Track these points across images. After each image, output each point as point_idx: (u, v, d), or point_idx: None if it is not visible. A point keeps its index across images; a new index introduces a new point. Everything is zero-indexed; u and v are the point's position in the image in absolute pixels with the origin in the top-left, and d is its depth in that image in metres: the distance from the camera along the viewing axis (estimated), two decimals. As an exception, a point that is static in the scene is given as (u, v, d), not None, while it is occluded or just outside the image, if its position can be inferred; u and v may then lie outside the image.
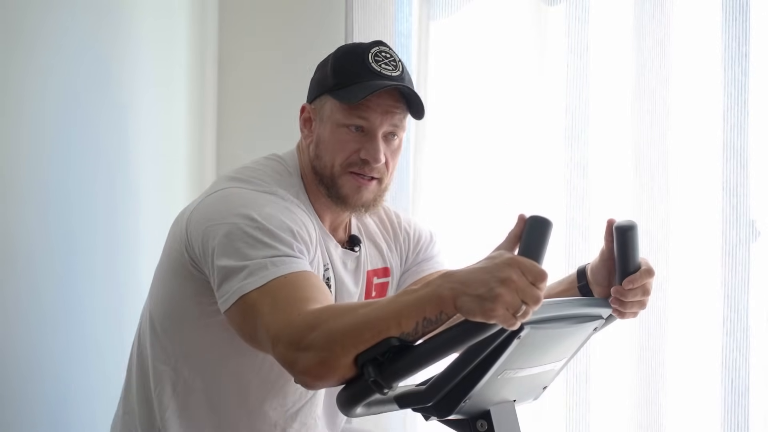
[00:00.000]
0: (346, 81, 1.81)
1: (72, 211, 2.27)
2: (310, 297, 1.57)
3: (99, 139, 2.38)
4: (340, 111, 1.81)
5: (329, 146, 1.83)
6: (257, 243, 1.64)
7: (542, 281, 1.37)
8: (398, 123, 1.83)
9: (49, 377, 2.21)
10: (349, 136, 1.81)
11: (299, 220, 1.73)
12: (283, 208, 1.73)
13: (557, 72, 2.75)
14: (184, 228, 1.77)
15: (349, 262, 1.91)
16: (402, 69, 1.84)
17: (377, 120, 1.80)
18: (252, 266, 1.61)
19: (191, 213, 1.78)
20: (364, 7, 2.85)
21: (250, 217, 1.67)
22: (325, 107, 1.84)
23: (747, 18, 2.56)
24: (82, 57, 2.30)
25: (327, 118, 1.84)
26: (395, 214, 2.05)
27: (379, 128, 1.81)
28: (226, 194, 1.77)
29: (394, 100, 1.81)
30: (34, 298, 2.14)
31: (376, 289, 1.97)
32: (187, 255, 1.76)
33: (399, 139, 1.85)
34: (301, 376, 1.51)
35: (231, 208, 1.71)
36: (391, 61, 1.83)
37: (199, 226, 1.73)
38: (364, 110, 1.80)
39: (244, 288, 1.61)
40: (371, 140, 1.81)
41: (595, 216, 2.69)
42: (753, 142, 2.57)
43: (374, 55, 1.82)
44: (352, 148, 1.82)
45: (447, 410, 1.54)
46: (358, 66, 1.81)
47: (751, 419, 2.56)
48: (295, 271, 1.61)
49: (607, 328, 1.77)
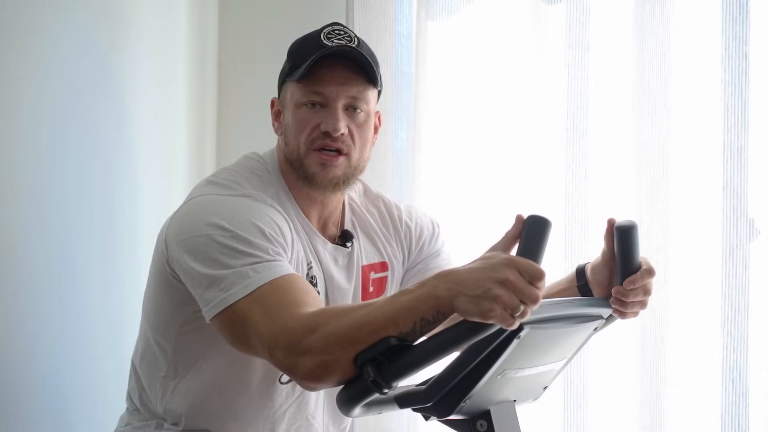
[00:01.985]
0: (299, 61, 1.81)
1: (70, 211, 2.26)
2: (301, 300, 1.57)
3: (98, 138, 2.38)
4: (297, 90, 1.82)
5: (293, 129, 1.83)
6: (234, 252, 1.64)
7: (540, 281, 1.37)
8: (357, 95, 1.81)
9: (49, 379, 2.20)
10: (309, 113, 1.81)
11: (272, 221, 1.72)
12: (255, 211, 1.73)
13: (557, 72, 2.74)
14: (164, 240, 1.78)
15: (341, 258, 1.90)
16: (358, 42, 1.82)
17: (333, 92, 1.79)
18: (232, 275, 1.62)
19: (168, 225, 1.79)
20: (364, 7, 2.85)
21: (221, 226, 1.67)
22: (287, 93, 1.85)
23: (747, 18, 2.56)
24: (81, 56, 2.30)
25: (288, 102, 1.84)
26: (395, 206, 2.03)
27: (337, 99, 1.80)
28: (198, 203, 1.77)
29: (351, 71, 1.80)
30: (32, 298, 2.14)
31: (373, 284, 1.95)
32: (168, 267, 1.77)
33: (364, 112, 1.83)
34: (303, 380, 1.52)
35: (203, 218, 1.70)
36: (345, 36, 1.82)
37: (176, 239, 1.73)
38: (318, 84, 1.79)
39: (229, 298, 1.61)
40: (329, 111, 1.80)
41: (595, 216, 2.69)
42: (753, 142, 2.57)
43: (326, 33, 1.82)
44: (312, 124, 1.81)
45: (447, 410, 1.54)
46: (309, 45, 1.81)
47: (751, 419, 2.56)
48: (278, 275, 1.62)
49: (607, 328, 1.77)
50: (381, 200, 2.02)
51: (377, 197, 2.02)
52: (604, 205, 2.70)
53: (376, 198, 2.02)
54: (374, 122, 1.88)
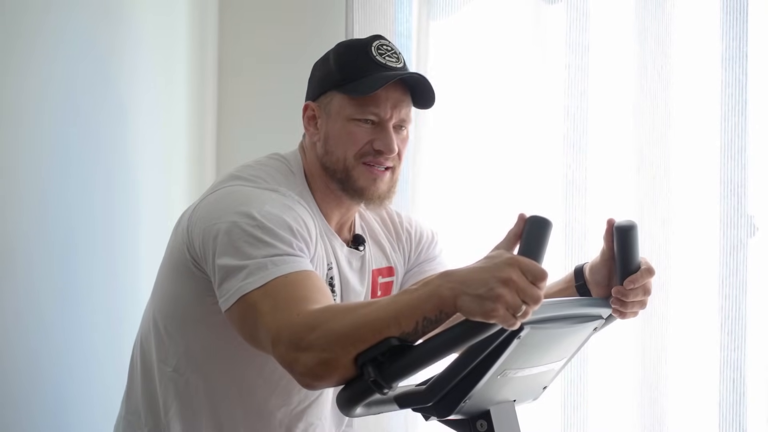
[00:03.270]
0: (353, 75, 1.83)
1: (71, 214, 2.26)
2: (311, 297, 1.57)
3: (98, 140, 2.38)
4: (351, 105, 1.83)
5: (341, 140, 1.84)
6: (257, 242, 1.64)
7: (542, 281, 1.37)
8: (406, 117, 1.86)
9: (49, 381, 2.20)
10: (361, 128, 1.83)
11: (299, 218, 1.73)
12: (283, 206, 1.73)
13: (557, 72, 2.75)
14: (185, 227, 1.77)
15: (354, 261, 1.92)
16: (403, 61, 1.87)
17: (388, 112, 1.83)
18: (252, 266, 1.61)
19: (192, 212, 1.78)
20: (364, 7, 2.85)
21: (250, 215, 1.67)
22: (333, 103, 1.85)
23: (746, 18, 2.56)
24: (81, 57, 2.30)
25: (336, 113, 1.85)
26: (396, 213, 2.06)
27: (391, 120, 1.84)
28: (226, 192, 1.77)
29: (402, 92, 1.84)
30: (32, 301, 2.14)
31: (381, 289, 1.97)
32: (188, 254, 1.76)
33: (406, 129, 1.88)
34: (302, 377, 1.51)
35: (231, 206, 1.71)
36: (393, 53, 1.86)
37: (200, 225, 1.73)
38: (375, 104, 1.82)
39: (244, 288, 1.61)
40: (384, 131, 1.83)
41: (595, 216, 2.69)
42: (753, 142, 2.58)
43: (377, 48, 1.84)
44: (364, 140, 1.83)
45: (447, 410, 1.54)
46: (363, 59, 1.83)
47: (750, 418, 2.57)
48: (295, 270, 1.61)
49: (606, 327, 1.77)
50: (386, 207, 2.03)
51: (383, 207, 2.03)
52: (604, 205, 2.70)
53: None
54: None
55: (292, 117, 1.95)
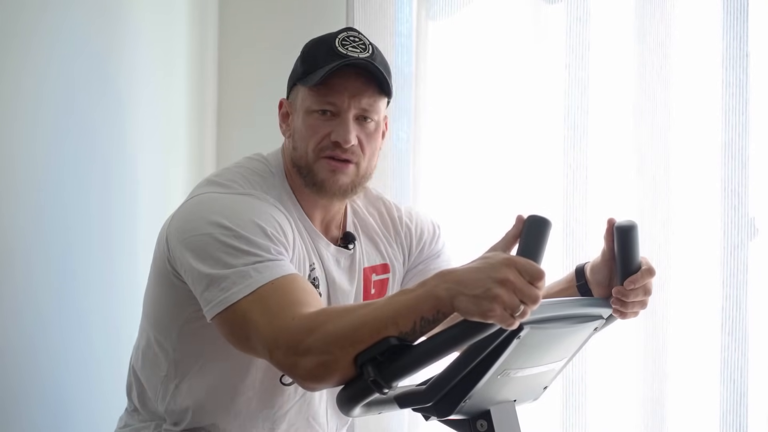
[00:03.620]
0: (312, 67, 1.81)
1: (68, 212, 2.26)
2: (302, 300, 1.57)
3: (95, 138, 2.37)
4: (309, 97, 1.81)
5: (302, 134, 1.82)
6: (235, 251, 1.64)
7: (540, 280, 1.37)
8: (368, 106, 1.81)
9: (48, 381, 2.20)
10: (320, 120, 1.80)
11: (273, 220, 1.72)
12: (257, 209, 1.72)
13: (557, 72, 2.74)
14: (165, 239, 1.78)
15: (343, 260, 1.90)
16: (373, 51, 1.82)
17: (345, 102, 1.79)
18: (234, 275, 1.61)
19: (170, 223, 1.79)
20: (364, 7, 2.85)
21: (222, 225, 1.66)
22: (298, 97, 1.84)
23: (747, 18, 2.56)
24: (77, 55, 2.29)
25: (299, 107, 1.84)
26: (396, 207, 2.03)
27: (348, 110, 1.80)
28: (198, 201, 1.77)
29: (363, 81, 1.80)
30: (31, 300, 2.14)
31: (375, 287, 1.95)
32: (169, 265, 1.76)
33: (374, 122, 1.83)
34: (302, 380, 1.52)
35: (204, 216, 1.70)
36: (360, 44, 1.82)
37: (176, 236, 1.73)
38: (331, 93, 1.79)
39: (231, 297, 1.60)
40: (341, 122, 1.80)
41: (595, 216, 2.69)
42: (753, 142, 2.57)
43: (341, 40, 1.81)
44: (323, 133, 1.80)
45: (447, 410, 1.54)
46: (324, 51, 1.81)
47: (751, 419, 2.56)
48: (280, 275, 1.61)
49: (607, 328, 1.77)
50: (381, 202, 2.02)
51: (378, 199, 2.02)
52: (604, 205, 2.70)
53: (377, 200, 2.02)
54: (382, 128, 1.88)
55: (292, 116, 1.95)
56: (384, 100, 1.84)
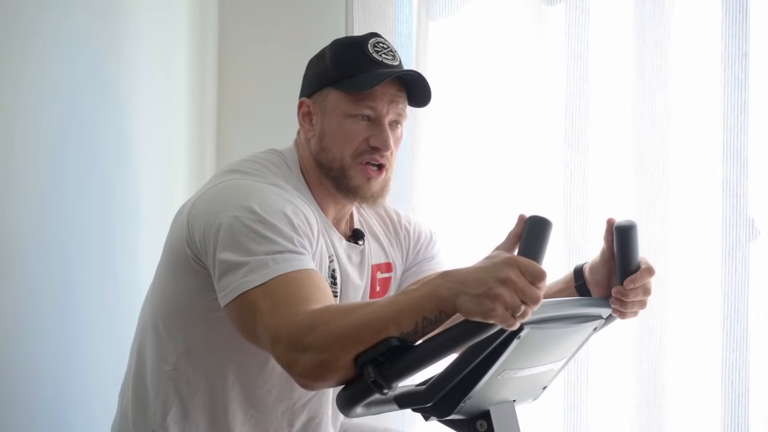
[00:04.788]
0: (349, 72, 1.84)
1: (69, 213, 2.26)
2: (311, 297, 1.56)
3: (96, 139, 2.37)
4: (347, 102, 1.83)
5: (337, 137, 1.85)
6: (259, 237, 1.64)
7: (541, 281, 1.37)
8: (401, 111, 1.87)
9: (48, 381, 2.20)
10: (358, 126, 1.84)
11: (300, 212, 1.73)
12: (284, 200, 1.73)
13: (557, 72, 2.74)
14: (185, 222, 1.77)
15: (354, 255, 1.92)
16: (399, 59, 1.88)
17: (384, 108, 1.83)
18: (253, 263, 1.61)
19: (192, 206, 1.78)
20: (364, 8, 2.85)
21: (251, 209, 1.67)
22: (329, 99, 1.86)
23: (747, 18, 2.56)
24: (78, 55, 2.29)
25: (331, 110, 1.85)
26: (395, 212, 2.06)
27: (386, 116, 1.84)
28: (227, 186, 1.77)
29: (397, 89, 1.85)
30: (31, 301, 2.14)
31: (380, 284, 1.97)
32: (188, 249, 1.75)
33: (401, 127, 1.89)
34: (301, 378, 1.51)
35: (233, 200, 1.70)
36: (389, 51, 1.87)
37: (201, 218, 1.72)
38: (371, 99, 1.83)
39: (244, 285, 1.60)
40: (379, 127, 1.84)
41: (595, 216, 2.69)
42: (753, 142, 2.57)
43: (373, 46, 1.85)
44: (361, 137, 1.84)
45: (447, 410, 1.55)
46: (359, 57, 1.84)
47: (751, 419, 2.56)
48: (296, 269, 1.61)
49: (606, 327, 1.77)
50: (380, 205, 2.03)
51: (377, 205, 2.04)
52: (603, 205, 2.70)
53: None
54: None
55: (292, 115, 1.95)
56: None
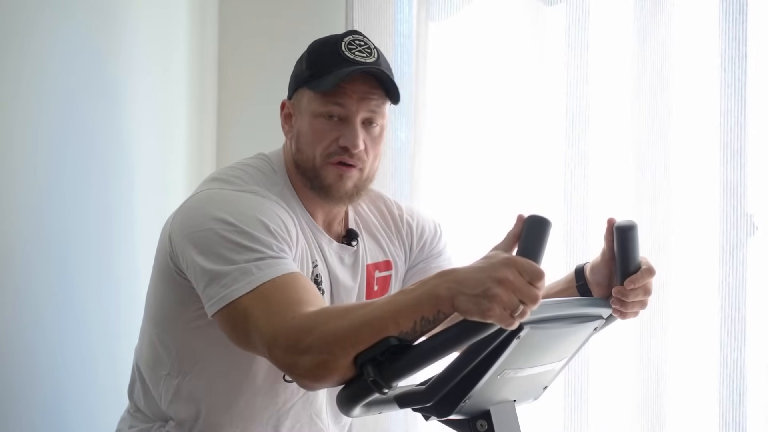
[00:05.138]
0: (320, 71, 1.81)
1: (67, 211, 2.26)
2: (303, 299, 1.57)
3: (95, 137, 2.37)
4: (316, 100, 1.81)
5: (308, 138, 1.83)
6: (238, 247, 1.64)
7: (539, 281, 1.37)
8: (375, 109, 1.82)
9: (47, 379, 2.20)
10: (327, 125, 1.81)
11: (277, 217, 1.73)
12: (260, 206, 1.73)
13: (557, 72, 2.75)
14: (168, 236, 1.78)
15: (346, 257, 1.91)
16: (378, 56, 1.83)
17: (353, 106, 1.80)
18: (236, 271, 1.62)
19: (173, 220, 1.79)
20: (364, 8, 2.85)
21: (226, 221, 1.67)
22: (303, 100, 1.84)
23: (746, 19, 2.57)
24: (77, 54, 2.29)
25: (304, 110, 1.83)
26: (396, 206, 2.03)
27: (356, 114, 1.80)
28: (202, 197, 1.77)
29: (370, 86, 1.81)
30: (30, 300, 2.14)
31: (378, 283, 1.96)
32: (171, 262, 1.77)
33: (379, 126, 1.84)
34: (302, 379, 1.51)
35: (207, 212, 1.71)
36: (366, 48, 1.83)
37: (180, 233, 1.73)
38: (340, 97, 1.79)
39: (232, 294, 1.61)
40: (349, 127, 1.80)
41: (595, 216, 2.69)
42: (752, 142, 2.57)
43: (347, 44, 1.82)
44: (330, 137, 1.81)
45: (447, 410, 1.54)
46: (331, 55, 1.81)
47: (750, 418, 2.57)
48: (282, 273, 1.61)
49: (607, 327, 1.77)
50: (382, 200, 2.02)
51: (378, 197, 2.03)
52: (603, 205, 2.70)
53: (377, 198, 2.02)
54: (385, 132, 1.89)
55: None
56: (388, 104, 1.85)
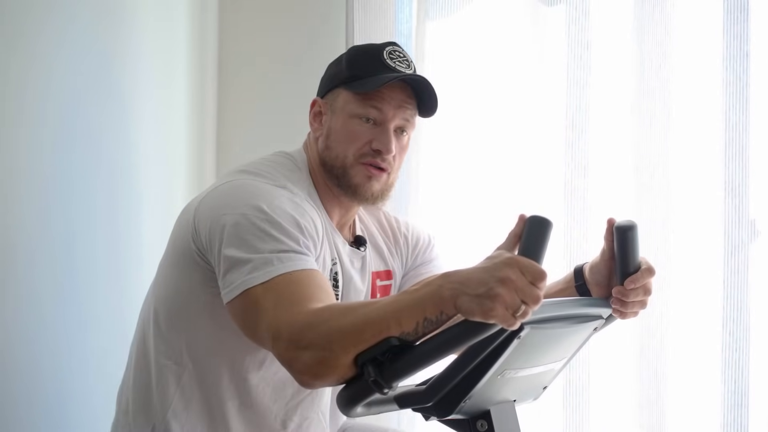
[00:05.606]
0: (361, 73, 1.87)
1: (73, 212, 2.27)
2: (314, 296, 1.57)
3: (100, 139, 2.38)
4: (354, 101, 1.86)
5: (341, 137, 1.87)
6: (265, 235, 1.65)
7: (541, 281, 1.37)
8: (409, 118, 1.89)
9: (49, 377, 2.20)
10: (362, 127, 1.86)
11: (307, 215, 1.75)
12: (292, 203, 1.75)
13: (557, 72, 2.74)
14: (192, 217, 1.78)
15: (356, 260, 1.94)
16: (414, 69, 1.90)
17: (390, 112, 1.86)
18: (257, 260, 1.62)
19: (200, 203, 1.79)
20: (364, 8, 2.85)
21: (259, 208, 1.68)
22: (338, 99, 1.88)
23: (747, 17, 2.56)
24: (82, 56, 2.30)
25: (340, 109, 1.88)
26: (394, 218, 2.08)
27: (392, 120, 1.86)
28: (236, 185, 1.79)
29: (407, 95, 1.87)
30: (34, 300, 2.14)
31: (379, 291, 1.99)
32: (193, 245, 1.77)
33: (408, 136, 1.91)
34: (300, 375, 1.51)
35: (241, 198, 1.72)
36: (405, 59, 1.90)
37: (208, 215, 1.74)
38: (378, 101, 1.85)
39: (248, 282, 1.61)
40: (383, 131, 1.86)
41: (595, 216, 2.69)
42: (754, 141, 2.57)
43: (389, 53, 1.89)
44: (364, 139, 1.86)
45: (447, 410, 1.54)
46: (373, 61, 1.87)
47: (752, 419, 2.56)
48: (300, 269, 1.62)
49: (607, 327, 1.77)
50: (381, 212, 2.07)
51: (376, 209, 2.07)
52: (604, 205, 2.70)
53: (375, 210, 2.07)
54: None
55: (293, 116, 1.97)
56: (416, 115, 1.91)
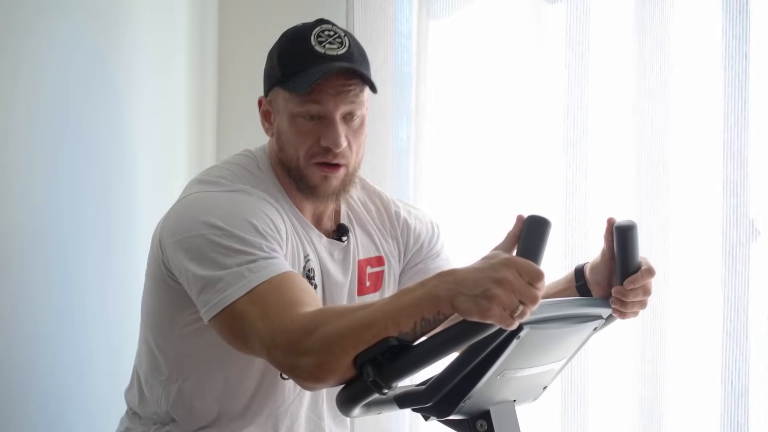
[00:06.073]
0: (292, 70, 1.77)
1: (65, 213, 2.26)
2: (299, 299, 1.57)
3: (93, 137, 2.37)
4: (293, 100, 1.77)
5: (289, 138, 1.80)
6: (228, 251, 1.63)
7: (539, 281, 1.37)
8: (354, 100, 1.78)
9: (44, 378, 2.20)
10: (307, 125, 1.78)
11: (265, 216, 1.72)
12: (247, 206, 1.72)
13: (557, 72, 2.74)
14: (158, 241, 1.77)
15: (336, 252, 1.89)
16: (348, 44, 1.78)
17: (331, 103, 1.76)
18: (229, 275, 1.61)
19: (162, 226, 1.78)
20: (364, 7, 2.85)
21: (214, 225, 1.66)
22: (279, 99, 1.81)
23: (747, 18, 2.56)
24: (76, 53, 2.29)
25: (282, 109, 1.81)
26: (394, 203, 2.01)
27: (335, 110, 1.77)
28: (189, 201, 1.76)
29: (345, 78, 1.77)
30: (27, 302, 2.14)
31: (370, 279, 1.94)
32: (164, 267, 1.76)
33: (360, 117, 1.80)
34: (302, 380, 1.52)
35: (196, 216, 1.70)
36: (336, 38, 1.78)
37: (170, 239, 1.72)
38: (316, 95, 1.75)
39: (226, 299, 1.60)
40: (329, 125, 1.77)
41: (595, 216, 2.69)
42: (753, 142, 2.57)
43: (317, 36, 1.78)
44: (312, 138, 1.78)
45: (447, 410, 1.54)
46: (302, 52, 1.77)
47: (751, 419, 2.56)
48: (276, 274, 1.61)
49: (606, 328, 1.77)
50: (378, 197, 2.00)
51: (374, 193, 2.01)
52: (604, 205, 2.69)
53: (374, 194, 2.00)
54: (366, 119, 1.84)
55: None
56: (366, 90, 1.80)
